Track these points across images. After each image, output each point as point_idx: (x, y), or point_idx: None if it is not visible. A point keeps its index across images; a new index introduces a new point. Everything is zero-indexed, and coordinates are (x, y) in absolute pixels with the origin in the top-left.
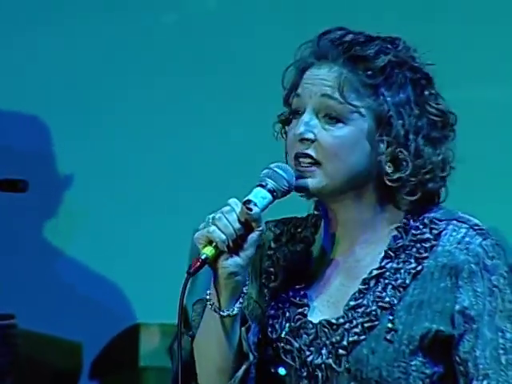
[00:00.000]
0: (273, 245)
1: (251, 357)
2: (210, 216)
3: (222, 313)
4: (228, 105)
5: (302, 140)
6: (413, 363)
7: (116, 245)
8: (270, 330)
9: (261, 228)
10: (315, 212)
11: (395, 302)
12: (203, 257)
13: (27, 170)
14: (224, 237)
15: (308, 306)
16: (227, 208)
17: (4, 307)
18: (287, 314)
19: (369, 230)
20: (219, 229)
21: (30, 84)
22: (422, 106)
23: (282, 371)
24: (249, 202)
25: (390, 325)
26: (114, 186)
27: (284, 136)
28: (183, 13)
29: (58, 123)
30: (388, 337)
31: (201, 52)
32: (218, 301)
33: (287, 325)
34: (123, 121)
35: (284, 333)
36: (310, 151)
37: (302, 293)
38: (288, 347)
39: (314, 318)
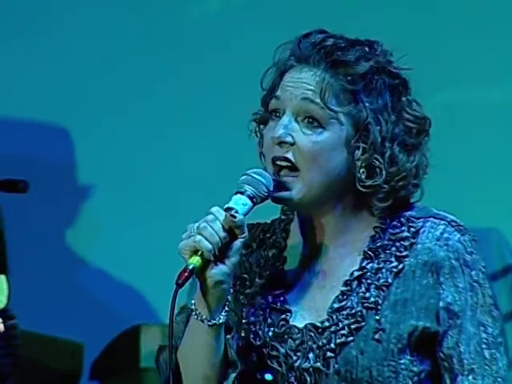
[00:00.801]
0: (243, 251)
1: (239, 365)
2: (192, 225)
3: (208, 322)
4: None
5: (281, 143)
6: (402, 361)
7: (118, 248)
8: (252, 336)
9: (244, 235)
10: (282, 217)
11: (380, 301)
12: (191, 267)
13: (47, 178)
14: (210, 246)
15: (290, 311)
16: (211, 217)
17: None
18: (269, 320)
19: (345, 233)
20: (205, 238)
21: (54, 93)
22: (398, 113)
23: (268, 377)
24: (230, 209)
25: (377, 325)
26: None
27: (258, 135)
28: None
29: (79, 134)
30: (376, 336)
31: (203, 56)
32: (204, 310)
33: (271, 330)
34: (138, 131)
35: (268, 338)
36: (289, 155)
37: (281, 298)
38: (274, 353)
39: (298, 322)
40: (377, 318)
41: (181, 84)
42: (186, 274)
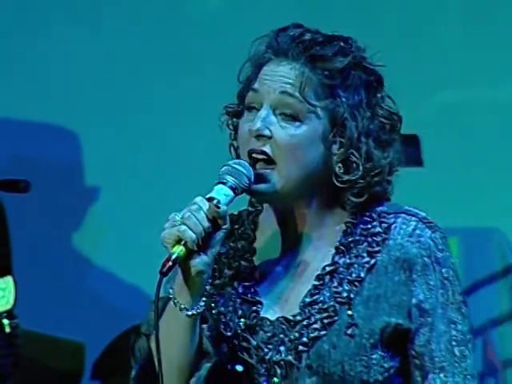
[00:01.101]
0: None
1: (213, 355)
2: (175, 215)
3: (187, 312)
4: None
5: (258, 136)
6: (373, 357)
7: (120, 248)
8: (223, 327)
9: (227, 226)
10: (250, 208)
11: (352, 296)
12: (174, 256)
13: (53, 180)
14: (194, 236)
15: (261, 303)
16: (195, 206)
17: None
18: (240, 312)
19: (318, 227)
20: (189, 228)
21: (59, 94)
22: (373, 109)
23: (239, 368)
24: (213, 199)
25: (349, 320)
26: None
27: (230, 128)
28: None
29: (86, 136)
30: (349, 331)
31: (206, 56)
32: (184, 299)
33: (241, 322)
34: (145, 133)
35: (239, 330)
36: (266, 148)
37: (252, 290)
38: (245, 344)
39: (270, 315)
40: (349, 313)
41: (184, 85)
42: (170, 263)
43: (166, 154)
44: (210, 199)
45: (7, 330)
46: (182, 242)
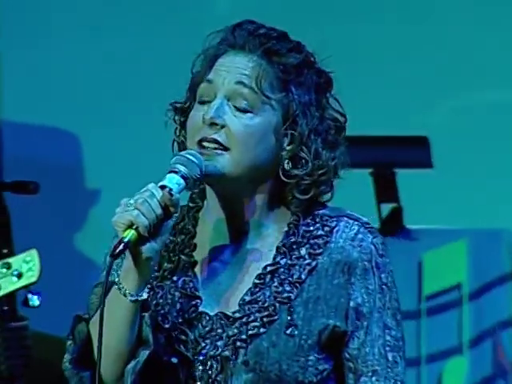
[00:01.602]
0: None
1: (152, 344)
2: (127, 200)
3: (131, 297)
4: None
5: (212, 124)
6: (310, 358)
7: None
8: (160, 319)
9: (177, 214)
10: (191, 204)
11: (293, 297)
12: (126, 240)
13: (56, 182)
14: (147, 222)
15: (200, 297)
16: (148, 193)
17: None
18: (178, 305)
19: (259, 225)
20: (143, 214)
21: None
22: (322, 110)
23: (174, 360)
24: (165, 187)
25: (289, 320)
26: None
27: (177, 123)
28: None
29: (88, 139)
30: (288, 331)
31: None
32: (129, 285)
33: (180, 315)
34: (148, 135)
35: (178, 323)
36: (217, 136)
37: (191, 284)
38: (182, 337)
39: (209, 310)
40: (289, 313)
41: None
42: (121, 247)
43: (168, 155)
44: (162, 187)
45: (31, 304)
46: (134, 227)
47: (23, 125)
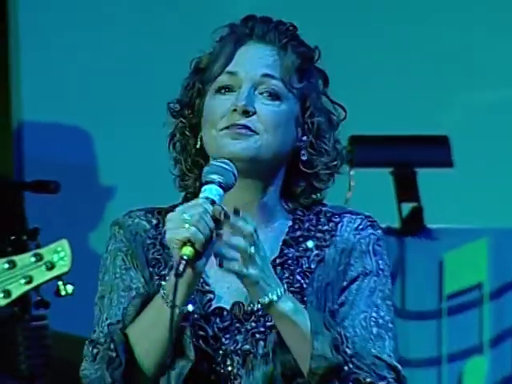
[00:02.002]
0: (153, 232)
1: (192, 354)
2: (178, 216)
3: (177, 310)
4: None
5: (244, 112)
6: None
7: None
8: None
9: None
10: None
11: (305, 285)
12: (186, 258)
13: (71, 181)
14: (203, 238)
15: (213, 292)
16: (201, 209)
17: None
18: (193, 302)
19: (267, 218)
20: (199, 230)
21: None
22: (327, 106)
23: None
24: (214, 202)
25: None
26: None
27: (184, 117)
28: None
29: (103, 137)
30: None
31: None
32: (178, 298)
33: (196, 311)
34: (162, 134)
35: (195, 319)
36: (247, 122)
37: (202, 280)
38: (201, 333)
39: (224, 304)
40: (302, 302)
41: None
42: (183, 265)
43: None
44: (212, 201)
45: (64, 293)
46: (189, 244)
47: (42, 125)
